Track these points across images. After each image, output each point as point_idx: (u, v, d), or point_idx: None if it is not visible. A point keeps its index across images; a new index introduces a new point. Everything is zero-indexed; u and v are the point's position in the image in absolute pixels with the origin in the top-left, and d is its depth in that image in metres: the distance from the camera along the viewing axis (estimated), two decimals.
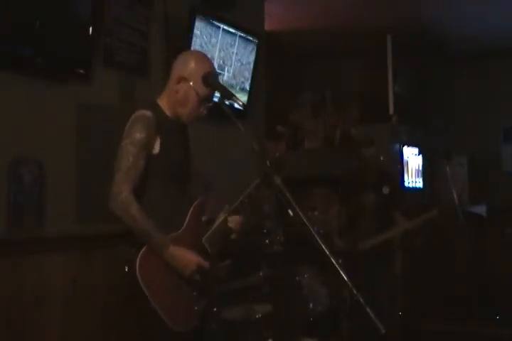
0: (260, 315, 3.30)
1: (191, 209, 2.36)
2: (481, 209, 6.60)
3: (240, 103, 2.26)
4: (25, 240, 2.83)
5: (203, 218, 2.45)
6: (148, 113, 2.30)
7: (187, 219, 2.33)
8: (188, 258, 2.23)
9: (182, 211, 2.35)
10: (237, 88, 4.38)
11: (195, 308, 2.29)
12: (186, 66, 2.38)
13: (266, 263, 3.66)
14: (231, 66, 4.29)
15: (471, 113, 7.14)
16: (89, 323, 3.09)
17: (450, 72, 7.24)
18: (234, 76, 4.34)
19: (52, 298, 2.94)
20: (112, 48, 3.35)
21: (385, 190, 4.38)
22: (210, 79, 2.34)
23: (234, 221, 2.44)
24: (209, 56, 2.44)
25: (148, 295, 2.13)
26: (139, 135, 2.24)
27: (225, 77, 4.25)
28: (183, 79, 2.37)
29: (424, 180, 6.58)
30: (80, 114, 3.16)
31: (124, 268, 2.22)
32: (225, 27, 4.15)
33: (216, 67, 4.07)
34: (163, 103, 2.41)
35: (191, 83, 2.35)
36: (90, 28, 3.09)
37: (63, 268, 3.00)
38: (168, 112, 2.40)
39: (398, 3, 5.53)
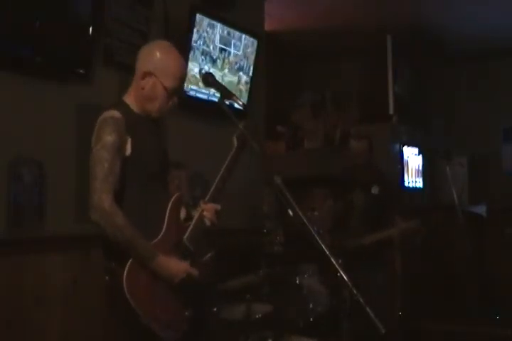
0: (260, 315, 3.30)
1: (168, 209, 2.26)
2: (481, 209, 6.60)
3: (240, 103, 2.21)
4: (25, 240, 2.84)
5: (182, 215, 2.35)
6: (116, 113, 2.18)
7: (165, 221, 2.23)
8: (176, 267, 2.16)
9: (163, 211, 2.25)
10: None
11: (186, 313, 2.23)
12: (150, 59, 2.26)
13: (266, 263, 3.65)
14: (229, 64, 4.29)
15: (471, 113, 7.14)
16: (89, 323, 3.08)
17: (450, 72, 7.24)
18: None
19: (52, 298, 2.94)
20: (112, 48, 3.35)
21: (374, 190, 4.16)
22: (210, 78, 2.27)
23: (208, 209, 2.33)
24: (209, 55, 2.41)
25: (139, 312, 2.07)
26: (110, 138, 2.12)
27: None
28: (147, 74, 2.24)
29: (424, 180, 6.58)
30: (80, 114, 3.16)
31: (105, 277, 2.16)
32: (225, 27, 4.15)
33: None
34: (131, 100, 2.29)
35: (156, 77, 2.23)
36: (90, 28, 3.09)
37: (63, 268, 3.00)
38: (136, 109, 2.28)
39: (398, 3, 5.52)
